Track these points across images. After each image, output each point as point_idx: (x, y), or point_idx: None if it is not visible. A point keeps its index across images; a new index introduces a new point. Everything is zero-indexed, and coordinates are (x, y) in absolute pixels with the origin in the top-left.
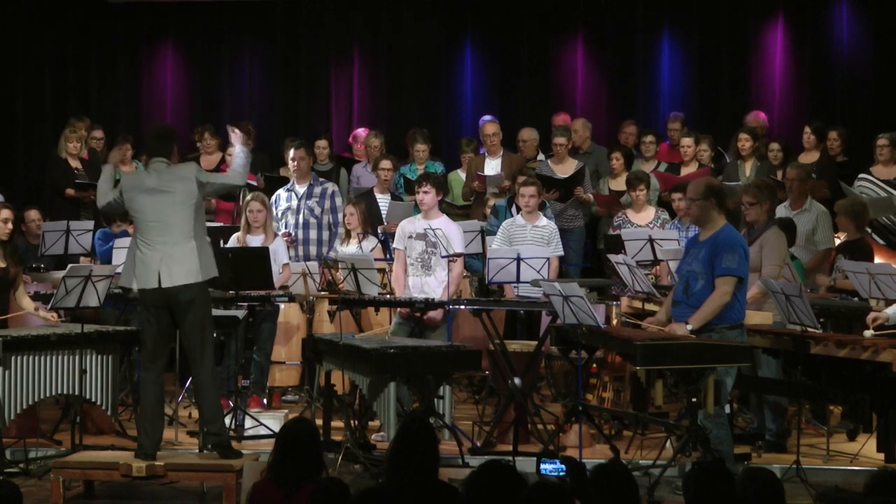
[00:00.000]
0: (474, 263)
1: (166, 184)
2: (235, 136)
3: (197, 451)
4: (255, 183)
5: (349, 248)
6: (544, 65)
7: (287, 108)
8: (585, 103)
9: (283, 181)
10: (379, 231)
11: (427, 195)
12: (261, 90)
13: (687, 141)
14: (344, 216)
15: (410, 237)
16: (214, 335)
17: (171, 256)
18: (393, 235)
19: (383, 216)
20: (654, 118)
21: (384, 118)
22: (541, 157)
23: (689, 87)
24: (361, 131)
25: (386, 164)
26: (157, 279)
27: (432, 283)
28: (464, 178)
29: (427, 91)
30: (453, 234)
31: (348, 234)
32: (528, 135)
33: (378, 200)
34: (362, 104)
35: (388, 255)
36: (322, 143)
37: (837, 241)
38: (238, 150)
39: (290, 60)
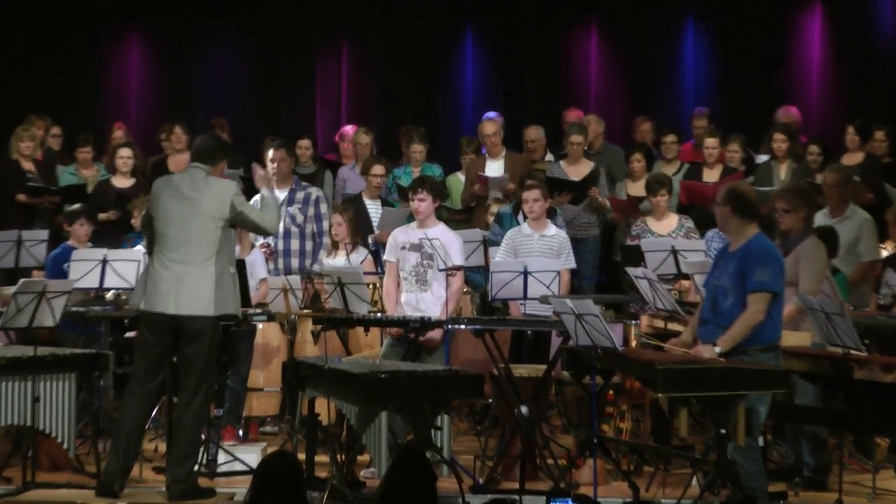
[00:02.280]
0: (476, 277)
1: (199, 194)
2: (261, 177)
3: (164, 488)
4: None
5: (336, 261)
6: (554, 55)
7: (266, 104)
8: (600, 98)
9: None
10: (369, 241)
11: (423, 203)
12: (237, 83)
13: (711, 141)
14: (330, 225)
15: (404, 248)
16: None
17: (185, 279)
18: (384, 246)
19: (374, 224)
20: (676, 115)
21: (375, 115)
22: (549, 157)
23: (716, 80)
24: (349, 129)
25: (378, 169)
26: (165, 303)
27: (428, 300)
28: (463, 182)
29: (423, 85)
30: (452, 244)
31: (335, 245)
32: (535, 134)
33: (367, 207)
34: (351, 100)
35: (379, 269)
36: (305, 143)
37: (885, 253)
38: (267, 196)
39: (270, 50)
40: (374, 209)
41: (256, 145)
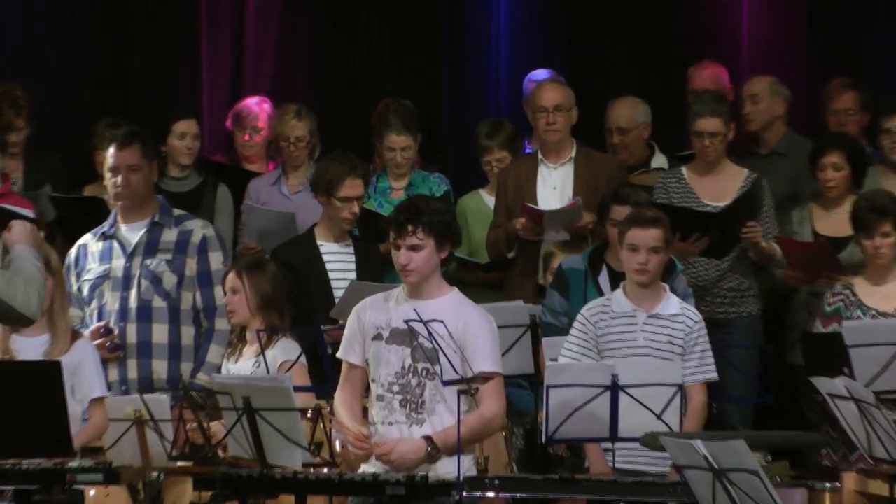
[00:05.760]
0: (519, 397)
1: None
2: (17, 230)
3: None
4: (30, 214)
5: (239, 365)
6: None
7: (105, 62)
8: (759, 47)
9: (96, 214)
10: (329, 330)
11: (417, 254)
12: (49, 28)
13: None
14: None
15: (379, 337)
16: None
17: None
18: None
19: (334, 294)
20: None
21: (315, 82)
22: (659, 160)
23: None
24: (253, 104)
25: (352, 185)
26: None
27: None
28: (491, 208)
29: (411, 26)
30: (475, 331)
31: (239, 335)
32: (628, 115)
33: (325, 257)
34: (264, 54)
35: (322, 379)
36: (184, 128)
37: None
38: (24, 255)
39: None
40: (338, 261)
41: (83, 136)
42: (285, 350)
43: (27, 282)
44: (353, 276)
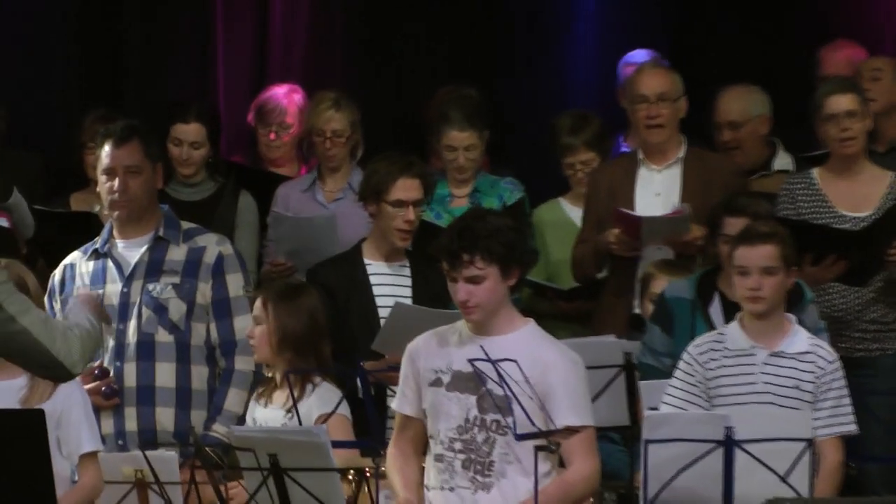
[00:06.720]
0: (614, 455)
1: None
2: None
3: None
4: (4, 224)
5: (267, 412)
6: None
7: (95, 43)
8: None
9: (86, 229)
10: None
11: (478, 287)
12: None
13: None
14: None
15: (437, 383)
16: None
17: None
18: (389, 381)
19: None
20: None
21: (356, 67)
22: (783, 161)
23: None
24: (280, 94)
25: (408, 185)
26: None
27: None
28: (577, 221)
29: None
30: (558, 373)
31: (269, 379)
32: (743, 106)
33: (373, 279)
34: (294, 33)
35: (366, 428)
36: (190, 130)
37: None
38: (88, 322)
39: None
40: (389, 284)
41: (70, 133)
42: (324, 400)
43: (69, 327)
44: (408, 303)
